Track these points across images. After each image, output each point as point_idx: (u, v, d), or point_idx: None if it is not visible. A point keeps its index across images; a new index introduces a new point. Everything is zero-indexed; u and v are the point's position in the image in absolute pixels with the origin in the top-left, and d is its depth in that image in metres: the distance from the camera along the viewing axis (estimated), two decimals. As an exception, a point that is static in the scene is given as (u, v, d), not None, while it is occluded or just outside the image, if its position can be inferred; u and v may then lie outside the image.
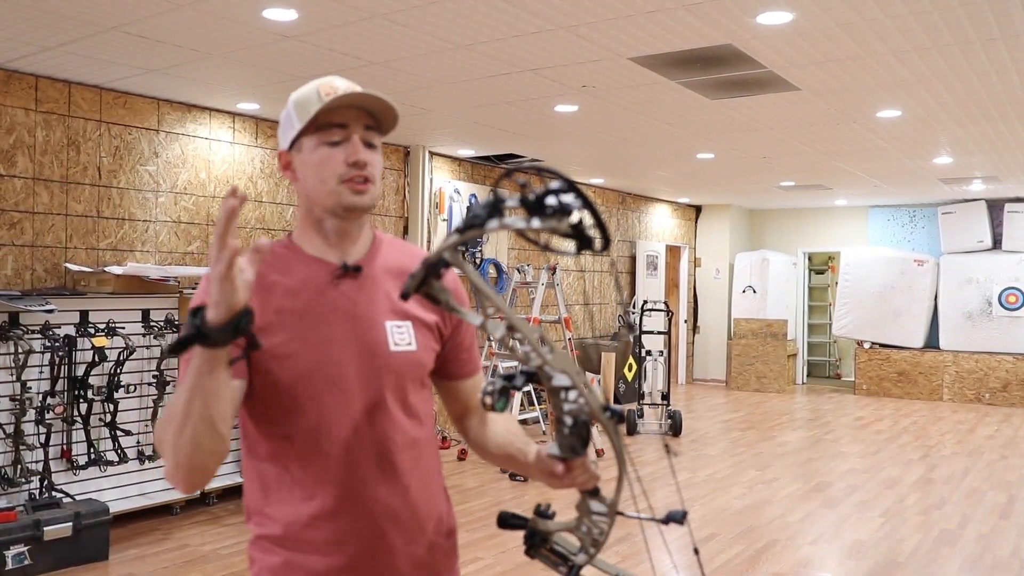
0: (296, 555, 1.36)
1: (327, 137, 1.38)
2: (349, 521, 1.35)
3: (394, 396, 1.40)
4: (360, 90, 1.38)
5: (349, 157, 1.37)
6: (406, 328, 1.43)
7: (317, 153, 1.38)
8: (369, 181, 1.39)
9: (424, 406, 1.47)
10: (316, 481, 1.36)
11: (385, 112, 1.41)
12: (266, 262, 1.40)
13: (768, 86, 5.07)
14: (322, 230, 1.43)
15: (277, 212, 6.36)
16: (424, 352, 1.45)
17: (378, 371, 1.39)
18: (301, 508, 1.36)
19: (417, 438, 1.43)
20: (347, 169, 1.37)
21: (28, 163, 4.89)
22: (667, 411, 8.16)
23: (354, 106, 1.39)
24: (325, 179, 1.38)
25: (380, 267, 1.46)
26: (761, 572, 4.32)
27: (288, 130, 1.41)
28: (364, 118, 1.40)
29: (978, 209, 10.82)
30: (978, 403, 10.68)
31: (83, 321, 4.79)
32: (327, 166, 1.38)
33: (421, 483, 1.43)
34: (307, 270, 1.41)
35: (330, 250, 1.43)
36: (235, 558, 4.40)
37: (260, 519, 1.40)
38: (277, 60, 4.55)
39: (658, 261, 11.52)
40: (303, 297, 1.39)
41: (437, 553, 1.45)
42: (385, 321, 1.41)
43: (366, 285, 1.43)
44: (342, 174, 1.37)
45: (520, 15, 3.79)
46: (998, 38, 4.06)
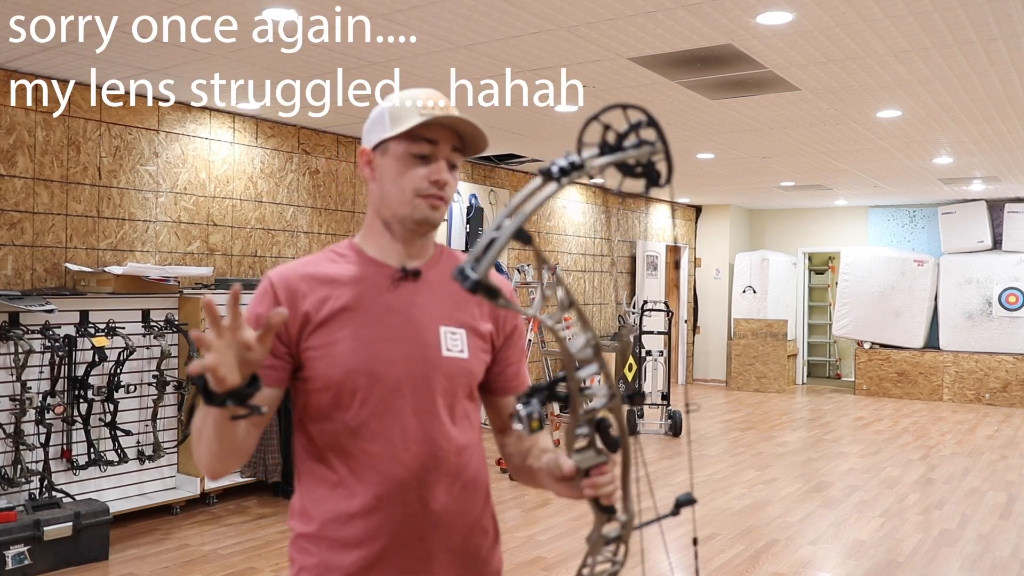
0: (332, 555, 1.36)
1: (416, 149, 1.40)
2: (388, 522, 1.36)
3: (443, 401, 1.41)
4: (457, 113, 1.41)
5: (432, 175, 1.40)
6: (460, 336, 1.44)
7: (403, 162, 1.41)
8: (444, 200, 1.42)
9: (472, 415, 1.48)
10: (358, 480, 1.37)
11: (474, 138, 1.44)
12: (327, 260, 1.45)
13: (768, 86, 5.07)
14: (387, 234, 1.45)
15: (277, 212, 6.36)
16: (475, 361, 1.46)
17: (428, 374, 1.40)
18: (341, 506, 1.37)
19: (463, 444, 1.43)
20: (428, 185, 1.40)
21: (28, 163, 4.89)
22: (667, 411, 8.16)
23: (448, 126, 1.41)
24: (404, 189, 1.40)
25: (439, 275, 1.48)
26: (761, 572, 4.32)
27: (378, 130, 1.43)
28: (454, 139, 1.43)
29: (978, 209, 10.82)
30: (978, 403, 10.68)
31: (83, 321, 4.79)
32: (410, 177, 1.40)
33: (464, 490, 1.43)
34: (366, 271, 1.43)
35: (392, 254, 1.45)
36: (235, 558, 4.40)
37: (301, 518, 1.41)
38: (277, 60, 4.55)
39: (658, 261, 11.52)
40: (360, 297, 1.41)
41: (476, 561, 1.44)
42: (440, 326, 1.43)
43: (423, 290, 1.44)
44: (422, 189, 1.40)
45: (520, 15, 3.80)
46: (998, 38, 4.06)
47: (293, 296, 1.40)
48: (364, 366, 1.37)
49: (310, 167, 6.62)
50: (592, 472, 1.27)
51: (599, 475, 1.27)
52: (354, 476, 1.37)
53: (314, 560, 1.38)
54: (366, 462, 1.37)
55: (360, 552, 1.35)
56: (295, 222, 6.50)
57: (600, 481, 1.27)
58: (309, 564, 1.38)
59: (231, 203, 6.03)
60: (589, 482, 1.27)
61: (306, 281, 1.41)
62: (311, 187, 6.62)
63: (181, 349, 5.28)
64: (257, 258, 6.21)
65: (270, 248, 6.31)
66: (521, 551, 4.56)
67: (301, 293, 1.40)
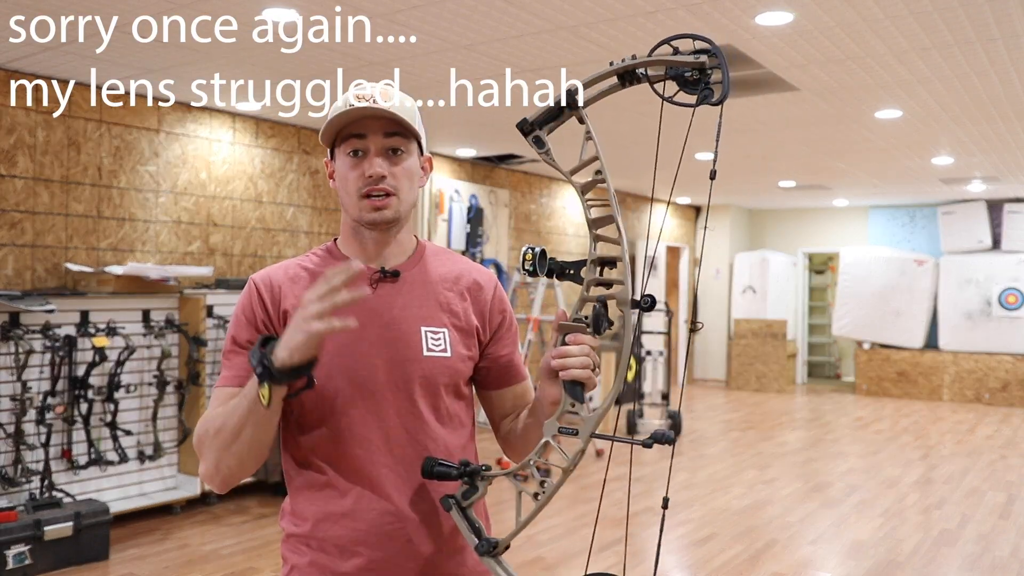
0: (321, 555, 1.37)
1: (346, 147, 1.38)
2: (376, 524, 1.35)
3: (426, 401, 1.40)
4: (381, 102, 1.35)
5: (366, 171, 1.36)
6: (442, 335, 1.43)
7: (342, 164, 1.39)
8: (390, 195, 1.37)
9: (461, 414, 1.46)
10: (346, 481, 1.37)
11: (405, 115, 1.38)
12: (308, 262, 1.45)
13: (768, 86, 5.07)
14: (359, 237, 1.44)
15: (277, 212, 6.36)
16: (459, 359, 1.43)
17: (410, 375, 1.39)
18: (330, 507, 1.37)
19: (452, 445, 1.42)
20: (364, 183, 1.37)
21: (28, 163, 4.89)
22: (667, 411, 8.16)
23: (367, 116, 1.36)
24: (349, 192, 1.39)
25: (421, 274, 1.46)
26: (761, 572, 4.32)
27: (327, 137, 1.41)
28: (384, 125, 1.37)
29: (978, 209, 10.82)
30: (978, 403, 10.68)
31: (83, 321, 4.79)
32: (349, 179, 1.38)
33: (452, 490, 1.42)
34: None
35: (369, 256, 1.44)
36: (235, 558, 4.40)
37: (292, 518, 1.42)
38: (277, 60, 4.55)
39: (658, 261, 11.52)
40: None
41: (469, 561, 1.44)
42: (421, 327, 1.41)
43: (404, 290, 1.43)
44: (360, 188, 1.37)
45: (520, 15, 3.80)
46: (998, 38, 4.06)
47: (275, 295, 1.40)
48: (345, 370, 1.36)
49: (310, 167, 6.62)
50: (568, 339, 1.22)
51: (574, 343, 1.23)
52: (341, 478, 1.37)
53: (305, 560, 1.38)
54: (351, 464, 1.37)
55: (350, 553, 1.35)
56: (295, 222, 6.50)
57: (568, 351, 1.22)
58: (301, 564, 1.39)
59: (231, 203, 6.03)
60: (556, 351, 1.23)
61: (287, 281, 1.42)
62: (311, 187, 6.62)
63: (181, 349, 5.28)
64: (257, 258, 6.22)
65: (270, 248, 6.31)
66: (521, 551, 4.56)
67: (283, 293, 1.40)
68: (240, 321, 1.41)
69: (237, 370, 1.38)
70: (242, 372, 1.36)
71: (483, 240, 8.30)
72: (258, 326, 1.39)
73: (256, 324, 1.40)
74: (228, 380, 1.38)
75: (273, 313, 1.40)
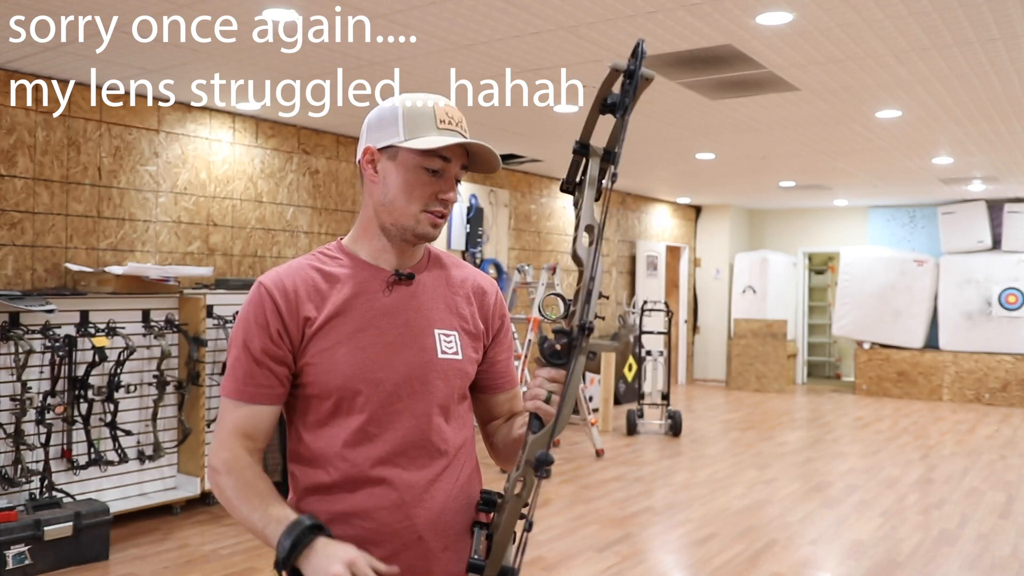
0: None
1: (429, 163, 1.39)
2: (387, 523, 1.37)
3: (438, 403, 1.42)
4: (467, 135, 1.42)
5: (442, 193, 1.40)
6: (453, 338, 1.45)
7: (413, 174, 1.39)
8: (445, 216, 1.43)
9: (465, 416, 1.49)
10: (356, 481, 1.37)
11: (486, 161, 1.43)
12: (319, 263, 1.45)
13: (768, 86, 5.07)
14: (381, 238, 1.45)
15: (277, 212, 6.36)
16: (468, 361, 1.47)
17: (425, 377, 1.41)
18: (340, 506, 1.38)
19: (459, 445, 1.45)
20: (435, 202, 1.40)
21: (28, 163, 4.89)
22: (667, 411, 8.16)
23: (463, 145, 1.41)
24: (412, 201, 1.39)
25: (431, 278, 1.48)
26: (761, 572, 4.32)
27: (389, 132, 1.40)
28: (464, 157, 1.42)
29: (978, 209, 10.82)
30: (978, 403, 10.68)
31: (83, 321, 4.79)
32: (419, 191, 1.40)
33: (462, 489, 1.44)
34: (360, 274, 1.43)
35: (386, 258, 1.45)
36: (235, 558, 4.40)
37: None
38: (277, 60, 4.55)
39: (658, 261, 11.52)
40: (355, 301, 1.40)
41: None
42: (435, 329, 1.44)
43: (417, 293, 1.45)
44: (429, 204, 1.40)
45: (520, 15, 3.80)
46: (998, 38, 4.06)
47: (291, 302, 1.39)
48: (363, 373, 1.37)
49: (310, 167, 6.62)
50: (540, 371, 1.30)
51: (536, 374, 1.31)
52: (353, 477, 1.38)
53: None
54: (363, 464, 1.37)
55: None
56: (295, 222, 6.50)
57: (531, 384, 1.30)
58: None
59: (231, 203, 6.03)
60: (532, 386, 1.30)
61: (302, 284, 1.41)
62: (311, 187, 6.63)
63: (181, 349, 5.28)
64: (257, 258, 6.22)
65: (270, 248, 6.31)
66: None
67: (300, 297, 1.39)
68: (251, 327, 1.39)
69: (247, 383, 1.38)
70: (251, 387, 1.37)
71: (483, 240, 8.30)
72: (272, 335, 1.38)
73: (270, 332, 1.38)
74: (238, 394, 1.38)
75: (290, 321, 1.38)
